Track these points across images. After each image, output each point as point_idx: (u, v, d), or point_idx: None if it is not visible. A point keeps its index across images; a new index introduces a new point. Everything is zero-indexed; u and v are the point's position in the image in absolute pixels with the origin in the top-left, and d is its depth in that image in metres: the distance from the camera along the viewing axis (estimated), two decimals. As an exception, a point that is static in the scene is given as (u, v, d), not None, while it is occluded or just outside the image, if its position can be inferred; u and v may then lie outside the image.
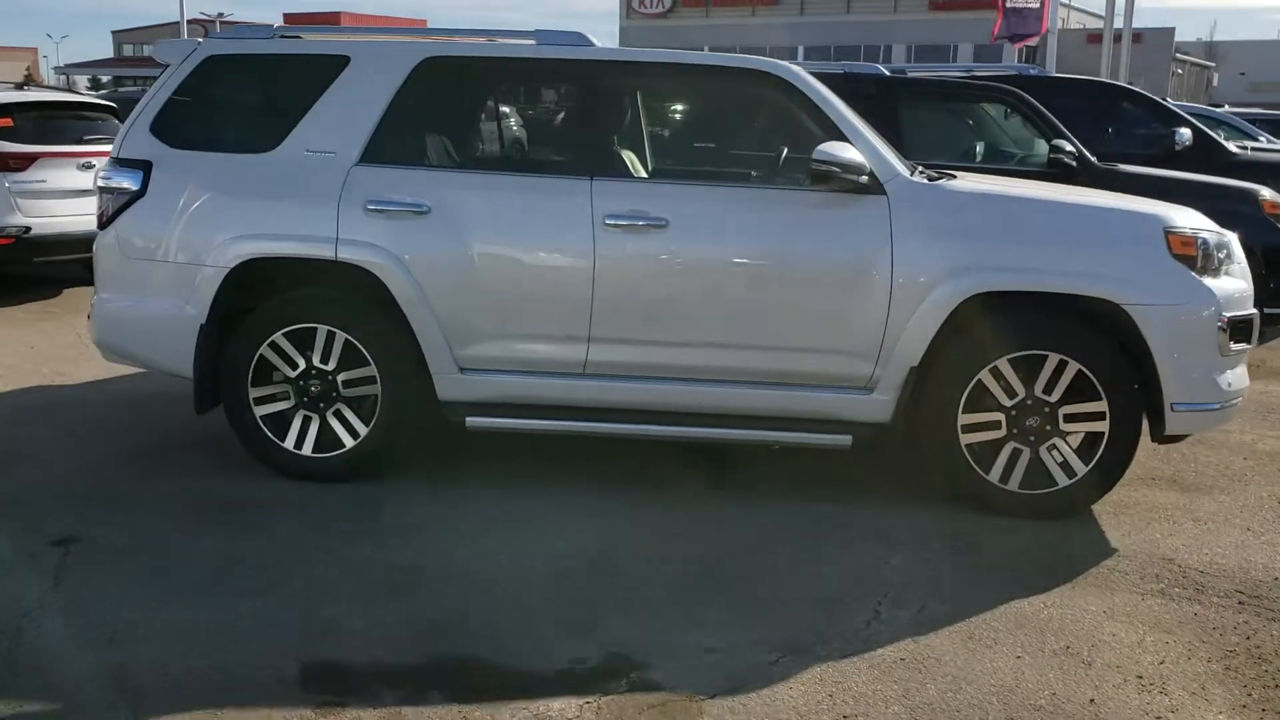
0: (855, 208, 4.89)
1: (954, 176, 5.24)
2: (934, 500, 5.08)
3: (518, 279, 5.05)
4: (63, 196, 9.82)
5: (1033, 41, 30.65)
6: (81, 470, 5.40)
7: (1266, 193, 8.16)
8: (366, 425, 5.19)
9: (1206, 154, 10.19)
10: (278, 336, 5.15)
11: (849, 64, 9.91)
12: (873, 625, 3.91)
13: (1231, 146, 10.98)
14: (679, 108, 6.28)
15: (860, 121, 5.14)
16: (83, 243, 9.82)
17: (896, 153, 5.25)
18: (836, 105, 5.04)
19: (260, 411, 5.22)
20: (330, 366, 5.17)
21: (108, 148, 10.38)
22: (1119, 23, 27.55)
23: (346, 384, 5.19)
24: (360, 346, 5.12)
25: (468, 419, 5.13)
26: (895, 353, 4.88)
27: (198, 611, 3.93)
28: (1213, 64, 72.18)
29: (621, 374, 5.09)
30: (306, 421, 5.22)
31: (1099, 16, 58.36)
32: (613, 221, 4.95)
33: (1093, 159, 8.35)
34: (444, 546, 4.56)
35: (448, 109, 5.40)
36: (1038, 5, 26.75)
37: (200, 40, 5.35)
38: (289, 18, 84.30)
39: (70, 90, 13.64)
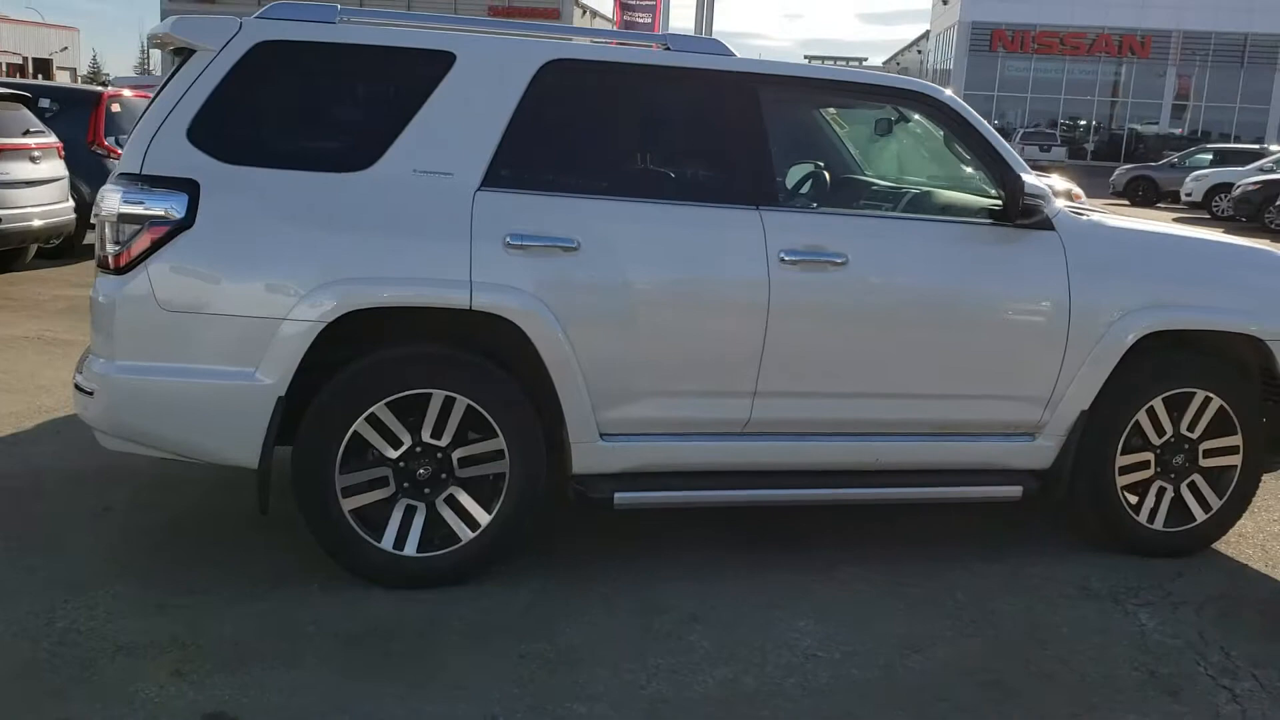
0: (1029, 244, 4.59)
1: (1082, 214, 5.08)
2: (1069, 543, 4.92)
3: (680, 327, 4.25)
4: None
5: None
6: (143, 600, 3.91)
7: None
8: (489, 512, 4.17)
9: None
10: (378, 407, 4.01)
11: None
12: (1250, 713, 3.60)
13: None
14: (833, 129, 5.60)
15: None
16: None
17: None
18: (994, 132, 4.71)
19: (349, 505, 4.05)
20: (444, 442, 4.10)
21: (43, 140, 9.88)
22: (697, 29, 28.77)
23: (463, 462, 4.14)
24: (486, 414, 4.10)
25: (616, 496, 4.26)
26: (1067, 396, 4.64)
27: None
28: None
29: (786, 432, 4.46)
30: (409, 513, 4.11)
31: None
32: (790, 258, 4.30)
33: None
34: (677, 666, 3.73)
35: (579, 123, 4.41)
36: (649, 20, 27.48)
37: (242, 20, 4.02)
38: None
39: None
